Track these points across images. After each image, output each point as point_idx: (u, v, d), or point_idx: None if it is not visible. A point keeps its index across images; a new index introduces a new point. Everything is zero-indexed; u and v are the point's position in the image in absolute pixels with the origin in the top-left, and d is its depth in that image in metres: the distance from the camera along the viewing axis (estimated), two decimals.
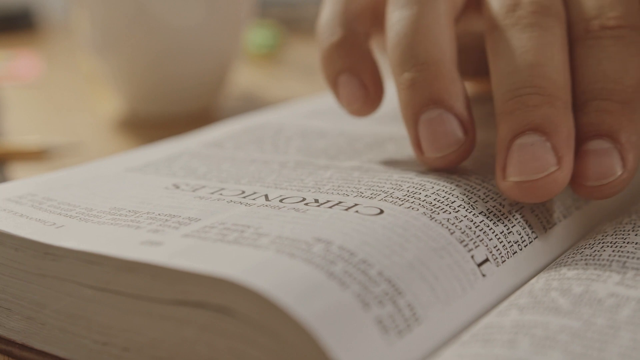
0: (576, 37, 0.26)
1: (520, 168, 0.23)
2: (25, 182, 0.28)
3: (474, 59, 0.33)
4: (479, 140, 0.29)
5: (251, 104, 0.53)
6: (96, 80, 0.51)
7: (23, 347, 0.23)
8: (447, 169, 0.26)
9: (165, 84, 0.47)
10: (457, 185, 0.24)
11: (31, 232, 0.22)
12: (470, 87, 0.28)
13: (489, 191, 0.24)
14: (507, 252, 0.23)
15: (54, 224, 0.23)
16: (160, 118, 0.48)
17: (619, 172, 0.24)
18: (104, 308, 0.21)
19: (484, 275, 0.22)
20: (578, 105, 0.25)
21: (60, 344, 0.22)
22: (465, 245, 0.22)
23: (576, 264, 0.22)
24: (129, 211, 0.24)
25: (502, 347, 0.18)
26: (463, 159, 0.26)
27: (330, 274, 0.19)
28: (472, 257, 0.22)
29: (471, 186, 0.24)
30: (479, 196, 0.24)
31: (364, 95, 0.28)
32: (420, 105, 0.25)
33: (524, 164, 0.23)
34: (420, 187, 0.24)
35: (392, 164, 0.27)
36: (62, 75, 0.68)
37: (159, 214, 0.23)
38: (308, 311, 0.17)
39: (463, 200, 0.24)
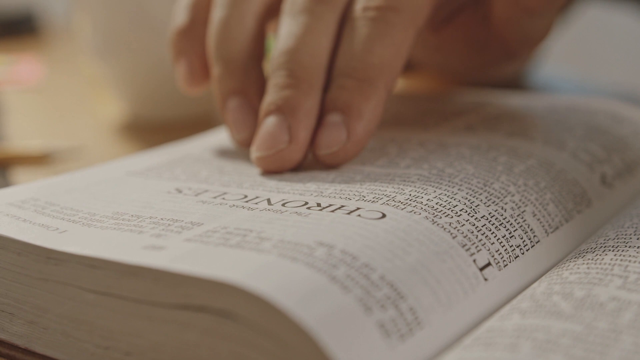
0: (346, 19, 0.28)
1: (259, 144, 0.27)
2: (28, 186, 0.28)
3: None
4: (481, 142, 0.29)
5: None
6: (98, 84, 0.51)
7: (26, 351, 0.23)
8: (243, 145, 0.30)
9: (167, 88, 0.47)
10: (459, 189, 0.24)
11: (34, 236, 0.22)
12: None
13: (490, 195, 0.24)
14: (509, 256, 0.23)
15: (57, 228, 0.23)
16: (162, 122, 0.48)
17: (344, 143, 0.27)
18: (106, 312, 0.21)
19: (485, 279, 0.22)
20: (329, 83, 0.28)
21: (62, 348, 0.22)
22: (467, 249, 0.22)
23: (578, 268, 0.22)
24: (132, 216, 0.24)
25: (504, 350, 0.18)
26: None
27: (333, 278, 0.19)
28: (474, 261, 0.22)
29: (473, 190, 0.24)
30: (481, 200, 0.24)
31: (191, 75, 0.33)
32: (224, 95, 0.30)
33: (262, 141, 0.27)
34: (422, 190, 0.24)
35: (393, 166, 0.27)
36: (64, 80, 0.68)
37: (162, 219, 0.23)
38: (310, 315, 0.18)
39: (465, 204, 0.24)
